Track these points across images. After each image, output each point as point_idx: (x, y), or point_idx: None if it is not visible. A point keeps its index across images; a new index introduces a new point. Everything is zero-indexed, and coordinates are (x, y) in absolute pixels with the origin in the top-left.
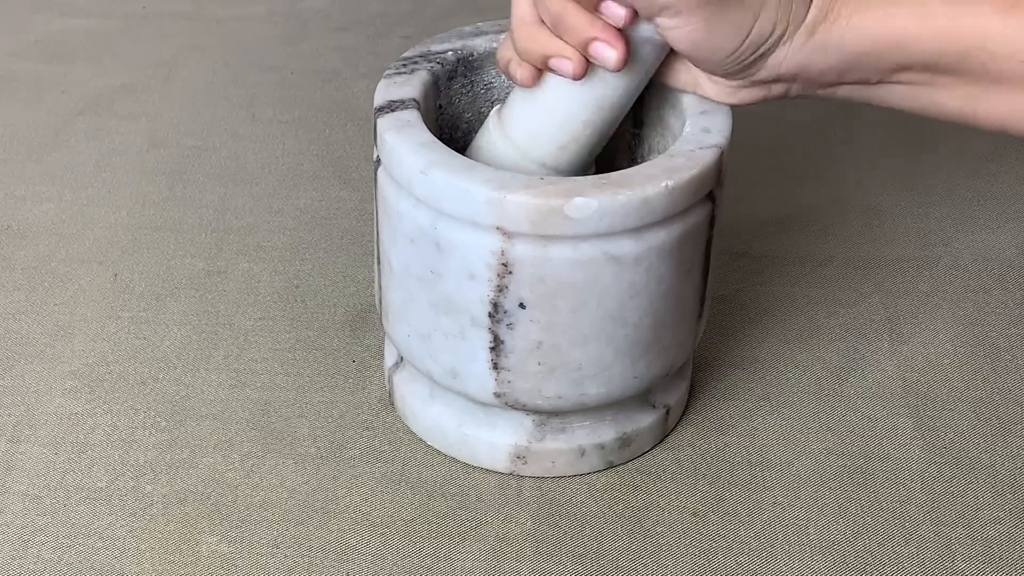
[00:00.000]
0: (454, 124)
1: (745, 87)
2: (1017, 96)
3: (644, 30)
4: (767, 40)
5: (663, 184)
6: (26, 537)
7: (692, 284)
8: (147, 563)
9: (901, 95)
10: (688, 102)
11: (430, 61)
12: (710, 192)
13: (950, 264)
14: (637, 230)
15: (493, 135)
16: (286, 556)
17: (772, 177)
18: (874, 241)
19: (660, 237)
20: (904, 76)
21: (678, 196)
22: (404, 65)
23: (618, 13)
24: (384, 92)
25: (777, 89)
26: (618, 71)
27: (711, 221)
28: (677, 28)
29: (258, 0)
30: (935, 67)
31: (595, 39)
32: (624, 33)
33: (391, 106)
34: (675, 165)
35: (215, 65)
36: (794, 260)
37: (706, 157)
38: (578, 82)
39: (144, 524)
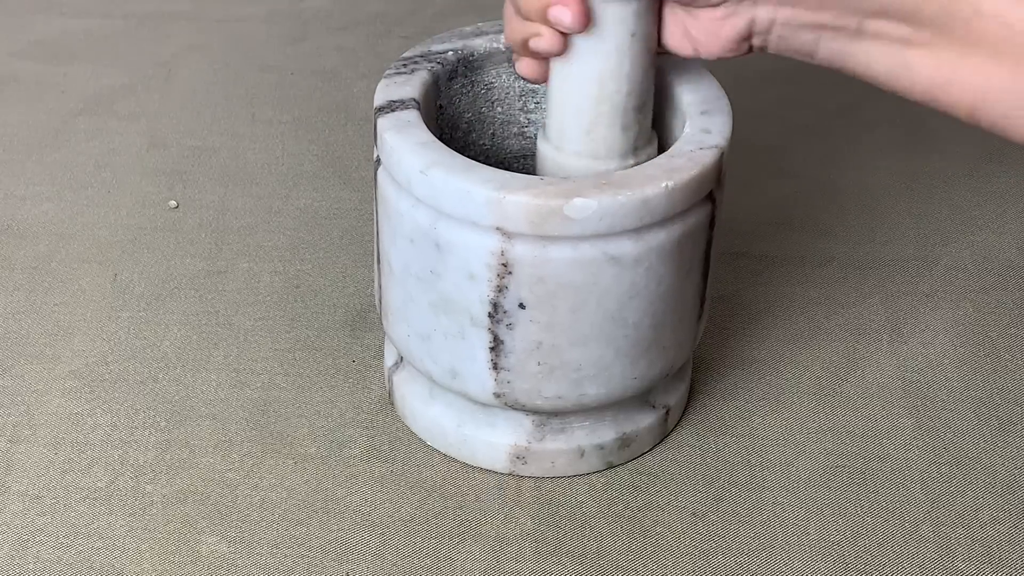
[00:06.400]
0: (454, 124)
1: (729, 17)
2: (993, 66)
3: None
4: None
5: (663, 185)
6: (25, 537)
7: (692, 284)
8: (147, 563)
9: (878, 55)
10: (688, 102)
11: (430, 61)
12: (710, 193)
13: (950, 264)
14: (637, 231)
15: (537, 143)
16: (286, 556)
17: (772, 177)
18: (874, 241)
19: (660, 238)
20: (883, 25)
21: (678, 197)
22: (404, 65)
23: None
24: (384, 92)
25: (761, 25)
26: (580, 30)
27: (711, 222)
28: None
29: (258, 0)
30: (916, 17)
31: (550, 5)
32: None
33: (391, 106)
34: (675, 165)
35: (215, 65)
36: (794, 260)
37: (706, 157)
38: (567, 61)
39: (144, 524)
